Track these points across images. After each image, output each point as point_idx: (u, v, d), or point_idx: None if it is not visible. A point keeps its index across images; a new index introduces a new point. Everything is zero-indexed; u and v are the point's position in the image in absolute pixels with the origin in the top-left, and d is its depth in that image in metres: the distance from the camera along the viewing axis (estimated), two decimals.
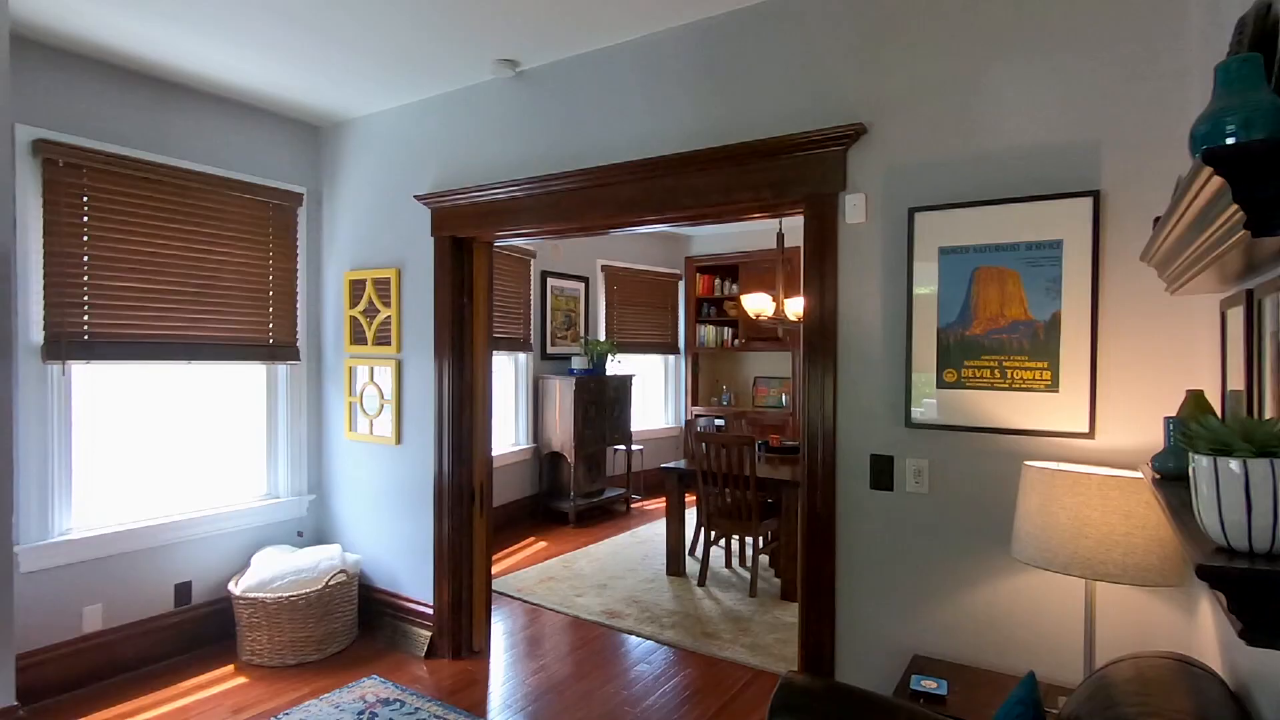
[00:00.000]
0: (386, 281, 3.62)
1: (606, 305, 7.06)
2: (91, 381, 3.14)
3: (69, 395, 3.03)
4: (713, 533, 4.50)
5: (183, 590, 3.40)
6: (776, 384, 7.42)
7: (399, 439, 3.59)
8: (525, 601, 4.18)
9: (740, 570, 4.74)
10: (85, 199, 3.02)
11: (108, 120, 3.12)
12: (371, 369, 3.70)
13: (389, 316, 3.61)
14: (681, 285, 7.83)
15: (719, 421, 6.06)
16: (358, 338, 3.77)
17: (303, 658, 3.30)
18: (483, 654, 3.45)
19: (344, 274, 3.83)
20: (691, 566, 4.76)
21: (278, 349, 3.76)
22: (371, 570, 3.73)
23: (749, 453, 4.15)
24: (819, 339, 2.39)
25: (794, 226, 6.20)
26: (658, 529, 5.77)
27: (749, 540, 4.99)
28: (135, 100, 3.21)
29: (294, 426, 3.88)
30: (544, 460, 6.25)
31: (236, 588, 3.33)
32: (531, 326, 6.14)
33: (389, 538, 3.66)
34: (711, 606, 4.09)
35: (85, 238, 3.03)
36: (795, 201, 2.46)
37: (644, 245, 7.40)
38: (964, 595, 2.17)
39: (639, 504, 6.77)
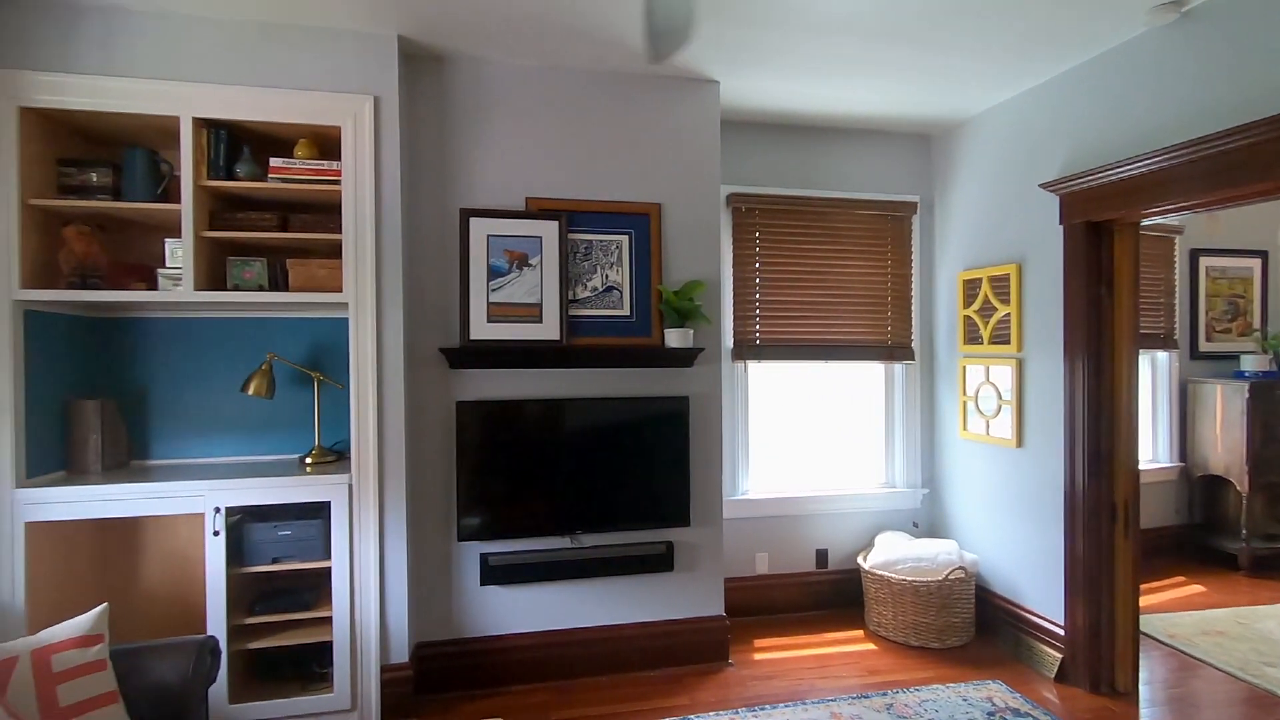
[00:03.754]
0: (1004, 278, 3.50)
1: None
2: (760, 376, 3.99)
3: (747, 387, 3.93)
4: None
5: (821, 555, 4.01)
6: None
7: (1019, 442, 3.42)
8: (1180, 651, 3.44)
9: None
10: (756, 234, 3.87)
11: (769, 167, 3.92)
12: (987, 368, 3.64)
13: (1007, 314, 3.48)
14: None
15: None
16: (972, 337, 3.76)
17: (923, 642, 3.48)
18: (1128, 696, 3.00)
19: (957, 274, 3.88)
20: None
21: (894, 349, 4.06)
22: (989, 573, 3.66)
23: None
24: None
25: None
26: None
27: None
28: (786, 148, 3.94)
29: (908, 422, 4.12)
30: (1195, 484, 5.02)
31: (865, 562, 3.74)
32: (1176, 319, 5.02)
33: (1007, 543, 3.53)
34: None
35: (756, 264, 3.88)
36: None
37: None
38: None
39: None
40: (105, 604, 2.05)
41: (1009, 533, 3.52)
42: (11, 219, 2.48)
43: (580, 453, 3.16)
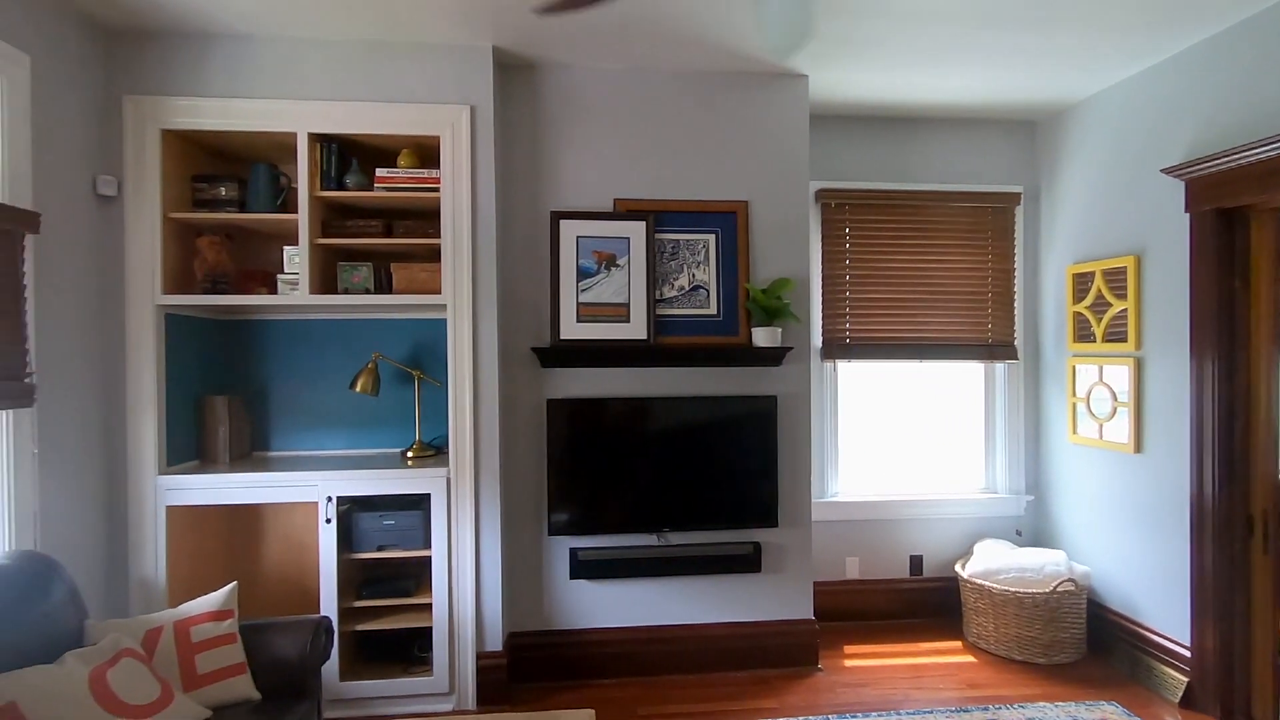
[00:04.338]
0: (1120, 271, 3.27)
1: None
2: (850, 375, 3.89)
3: (836, 387, 3.84)
4: None
5: (915, 562, 3.87)
6: None
7: (1137, 447, 3.18)
8: None
9: None
10: (847, 230, 3.78)
11: (860, 161, 3.81)
12: (1100, 368, 3.40)
13: (1123, 310, 3.25)
14: None
15: None
16: (1083, 335, 3.52)
17: (1028, 657, 3.29)
18: None
19: (1065, 268, 3.65)
20: None
21: (995, 348, 3.86)
22: (1103, 586, 3.42)
23: None
24: None
25: None
26: None
27: None
28: (878, 140, 3.82)
29: (1011, 425, 3.91)
30: None
31: (963, 570, 3.57)
32: None
33: (1124, 555, 3.29)
34: None
35: (847, 261, 3.78)
36: None
37: None
38: None
39: None
40: (235, 582, 2.24)
41: (1125, 544, 3.28)
42: (155, 231, 2.74)
43: (667, 451, 3.18)
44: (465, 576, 2.89)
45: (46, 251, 2.41)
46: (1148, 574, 3.16)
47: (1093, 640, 3.39)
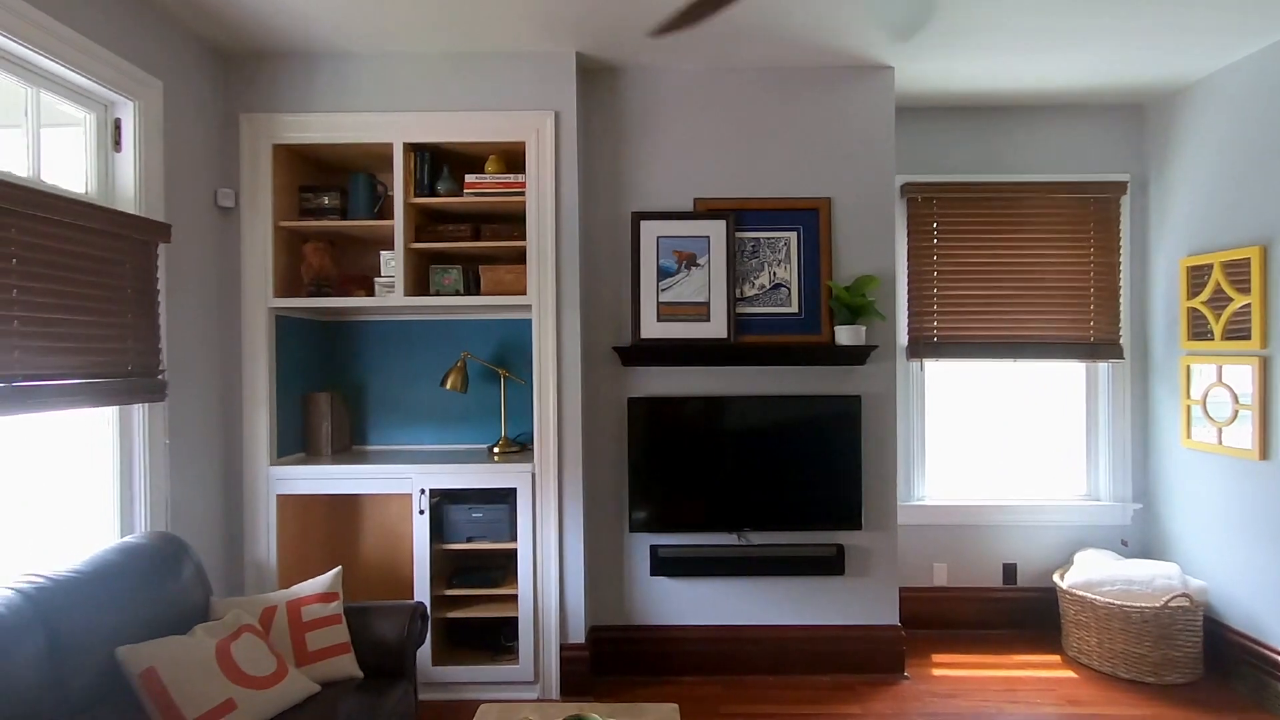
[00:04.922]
0: (1242, 263, 3.02)
1: None
2: (938, 375, 3.76)
3: (923, 387, 3.72)
4: None
5: (1009, 570, 3.69)
6: None
7: (1264, 453, 2.94)
8: None
9: None
10: (934, 225, 3.65)
11: (949, 153, 3.67)
12: (1219, 368, 3.16)
13: (1246, 304, 3.00)
14: None
15: None
16: (1198, 332, 3.28)
17: (1136, 676, 3.09)
18: None
19: (1178, 261, 3.41)
20: None
21: (1098, 346, 3.64)
22: (1222, 603, 3.18)
23: None
24: None
25: None
26: None
27: None
28: (968, 131, 3.67)
29: (1116, 428, 3.68)
30: None
31: (1062, 581, 3.38)
32: None
33: (1248, 570, 3.05)
34: None
35: (934, 257, 3.65)
36: None
37: None
38: None
39: None
40: (339, 567, 2.38)
41: (1250, 558, 3.03)
42: (268, 239, 2.95)
43: (748, 450, 3.17)
44: (549, 569, 2.97)
45: (174, 260, 2.64)
46: (1276, 591, 2.91)
47: (1210, 660, 3.15)
